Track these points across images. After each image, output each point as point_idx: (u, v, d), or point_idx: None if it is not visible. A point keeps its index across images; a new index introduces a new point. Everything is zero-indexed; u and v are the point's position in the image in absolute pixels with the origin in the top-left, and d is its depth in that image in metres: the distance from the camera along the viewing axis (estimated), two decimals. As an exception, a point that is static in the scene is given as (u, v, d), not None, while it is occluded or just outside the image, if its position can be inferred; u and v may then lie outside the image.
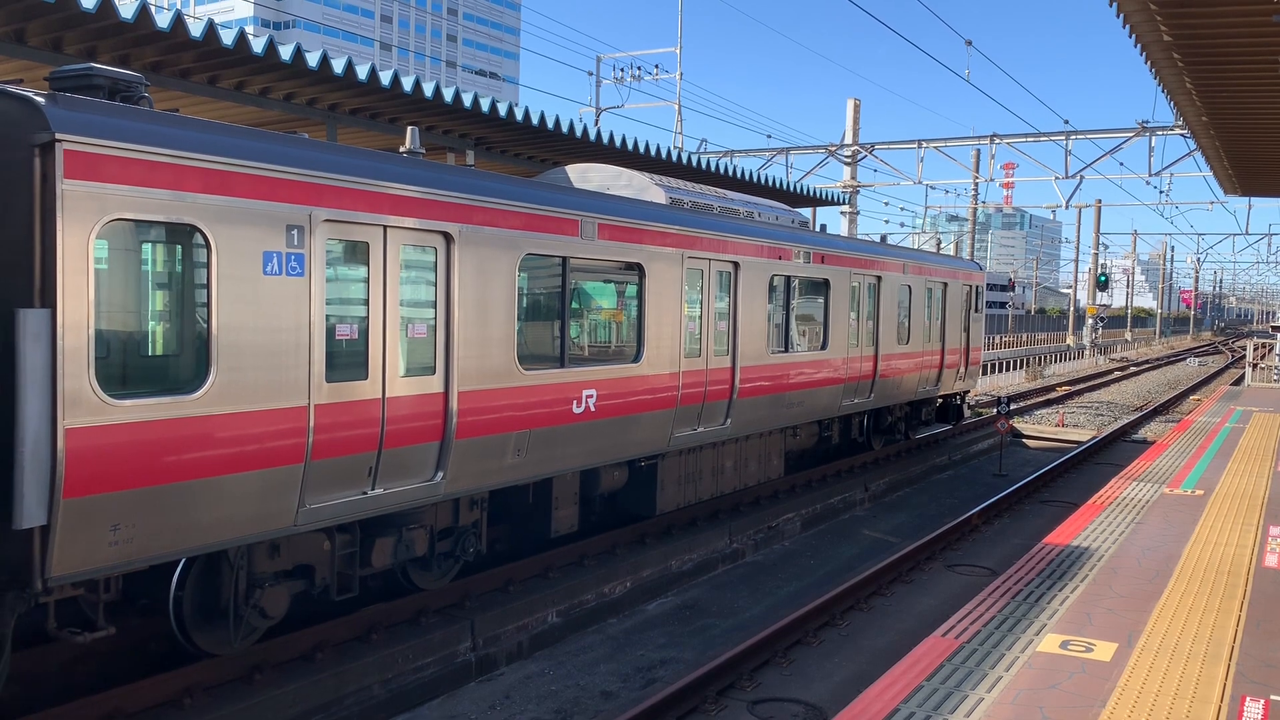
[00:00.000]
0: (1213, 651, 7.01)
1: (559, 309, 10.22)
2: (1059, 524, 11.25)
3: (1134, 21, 11.46)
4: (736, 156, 36.14)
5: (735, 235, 12.99)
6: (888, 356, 17.46)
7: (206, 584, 7.70)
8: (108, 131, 6.22)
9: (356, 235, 7.84)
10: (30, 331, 5.86)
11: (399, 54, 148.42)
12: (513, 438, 9.53)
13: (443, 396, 8.70)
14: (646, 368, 11.37)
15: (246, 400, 7.04)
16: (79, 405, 6.11)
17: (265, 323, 7.14)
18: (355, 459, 7.91)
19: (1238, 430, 19.19)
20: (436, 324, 8.63)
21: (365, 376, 7.97)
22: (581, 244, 10.29)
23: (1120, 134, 31.18)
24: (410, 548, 9.05)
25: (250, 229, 7.01)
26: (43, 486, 6.01)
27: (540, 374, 9.83)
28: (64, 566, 6.16)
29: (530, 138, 15.65)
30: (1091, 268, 61.40)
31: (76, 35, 10.11)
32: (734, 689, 8.90)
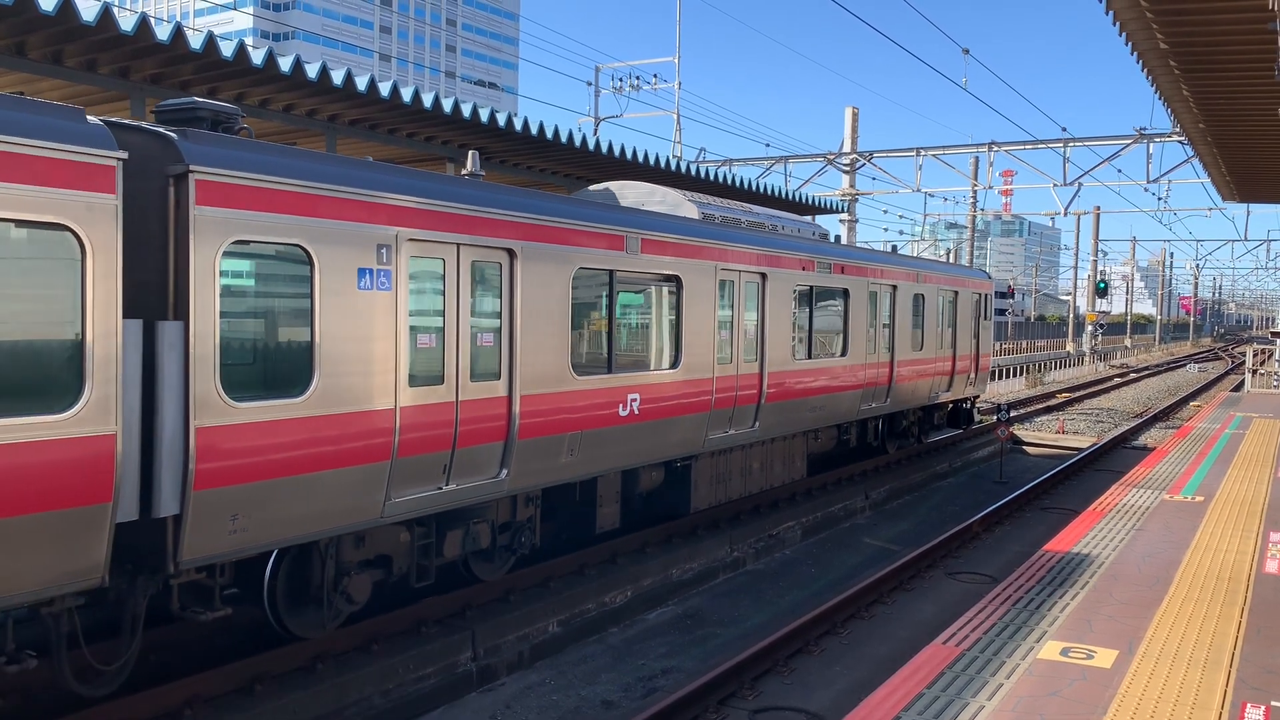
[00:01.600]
0: (1213, 658, 7.00)
1: (606, 318, 10.96)
2: (1059, 531, 11.25)
3: (1130, 29, 11.50)
4: (735, 165, 36.20)
5: (763, 248, 13.75)
6: (902, 363, 18.05)
7: (297, 572, 8.36)
8: (231, 163, 7.02)
9: (434, 253, 8.66)
10: (167, 341, 6.69)
11: (398, 65, 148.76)
12: (566, 439, 10.27)
13: (506, 400, 9.47)
14: (684, 373, 12.09)
15: (344, 403, 7.82)
16: (207, 407, 6.88)
17: (359, 332, 7.94)
18: (433, 457, 8.70)
19: (1237, 436, 19.19)
20: (501, 333, 9.42)
21: (442, 381, 8.77)
22: (626, 258, 11.07)
23: (1118, 141, 31.24)
24: (476, 540, 9.76)
25: (347, 248, 7.81)
26: (176, 480, 6.78)
27: (590, 379, 10.56)
28: (192, 552, 6.93)
29: (529, 147, 15.69)
30: (1091, 274, 61.46)
31: (77, 48, 10.15)
32: (735, 698, 8.89)
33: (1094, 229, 62.24)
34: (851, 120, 36.10)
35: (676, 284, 11.97)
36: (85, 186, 6.12)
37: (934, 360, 19.54)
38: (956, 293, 20.66)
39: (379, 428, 8.09)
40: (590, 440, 10.59)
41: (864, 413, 17.07)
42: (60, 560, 6.12)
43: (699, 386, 12.32)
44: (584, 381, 10.43)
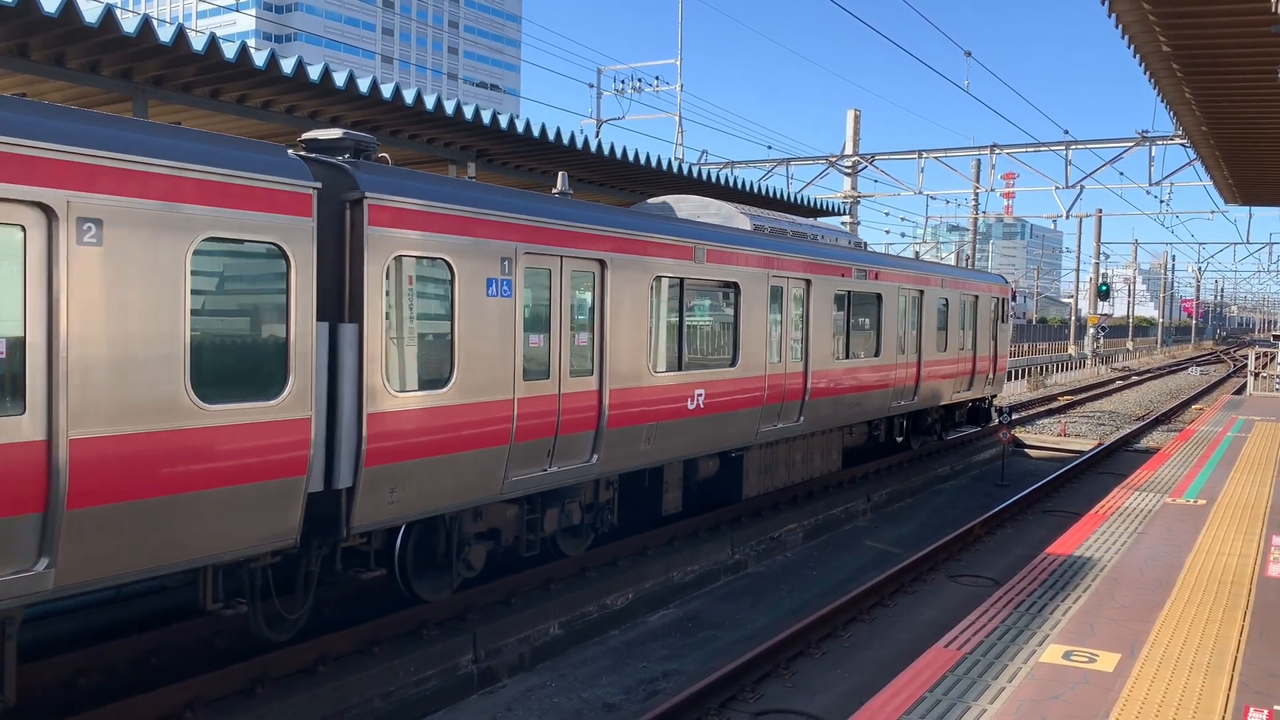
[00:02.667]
0: (1216, 662, 6.99)
1: (678, 320, 12.14)
2: (1061, 534, 11.23)
3: (1133, 32, 11.49)
4: (737, 167, 36.18)
5: (807, 256, 14.93)
6: (928, 363, 19.18)
7: (423, 542, 9.49)
8: (394, 189, 8.28)
9: (543, 264, 9.92)
10: (346, 340, 7.91)
11: (400, 67, 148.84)
12: (645, 429, 11.48)
13: (598, 394, 10.71)
14: (741, 371, 13.26)
15: (476, 394, 9.07)
16: (376, 396, 8.08)
17: (487, 333, 9.18)
18: (540, 442, 9.95)
19: (1240, 439, 19.16)
20: (593, 334, 10.67)
21: (548, 376, 10.02)
22: (695, 266, 12.29)
23: (1120, 144, 31.22)
24: (569, 517, 10.95)
25: (479, 261, 9.07)
26: (352, 458, 7.96)
27: (665, 376, 11.80)
28: (361, 520, 8.14)
29: (532, 150, 15.69)
30: (1093, 277, 61.41)
31: (80, 49, 10.15)
32: (736, 701, 8.88)
33: (1096, 231, 62.21)
34: (853, 122, 36.08)
35: (735, 290, 13.19)
36: (291, 211, 7.33)
37: (956, 361, 20.65)
38: (976, 297, 21.79)
39: (501, 416, 9.38)
40: (664, 431, 11.81)
41: (893, 410, 18.16)
42: (267, 523, 7.31)
43: (754, 383, 13.54)
44: (660, 378, 11.68)
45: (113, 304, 6.29)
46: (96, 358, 6.20)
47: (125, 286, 6.35)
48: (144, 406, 6.43)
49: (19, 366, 5.93)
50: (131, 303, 6.39)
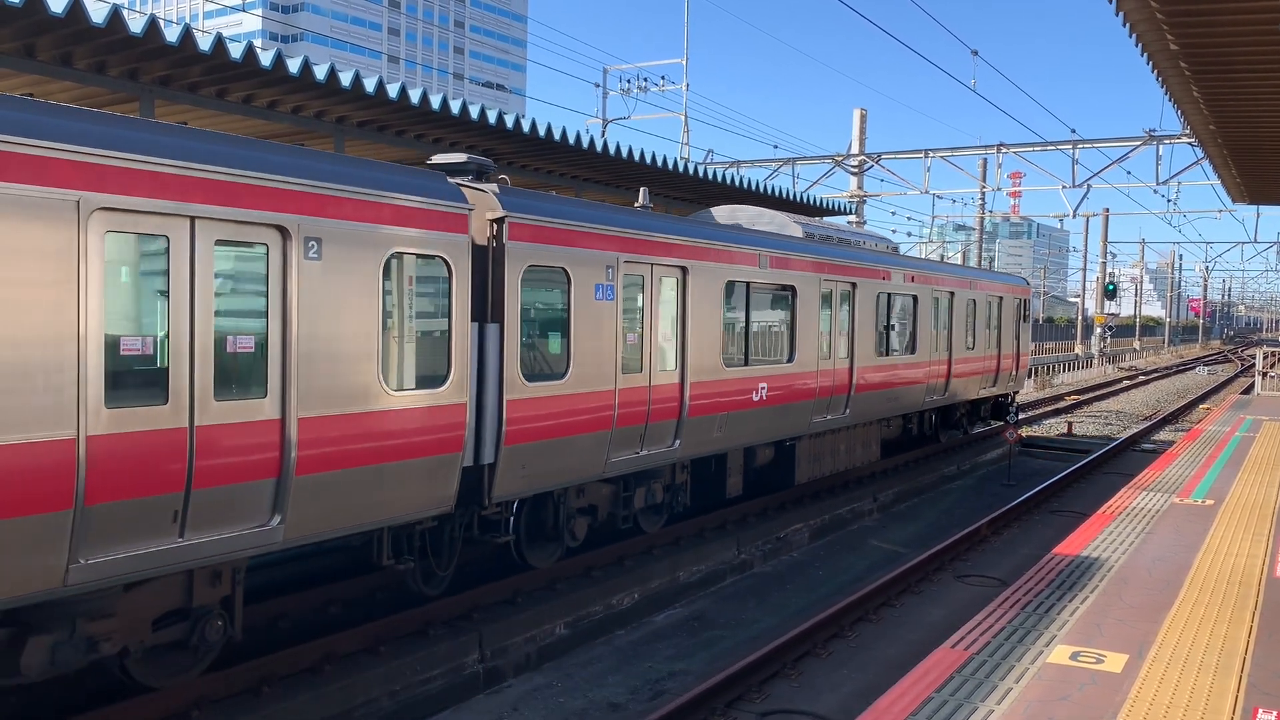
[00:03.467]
0: (1224, 663, 6.96)
1: (745, 320, 13.38)
2: (1068, 534, 11.20)
3: (1140, 31, 11.44)
4: (743, 167, 36.16)
5: (853, 261, 16.14)
6: (958, 360, 20.36)
7: (533, 516, 10.84)
8: (527, 209, 9.68)
9: (638, 271, 11.27)
10: (491, 338, 9.36)
11: (406, 66, 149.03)
12: (718, 418, 12.72)
13: (679, 386, 11.98)
14: (797, 367, 14.51)
15: (586, 385, 10.43)
16: (513, 386, 9.52)
17: (595, 332, 10.55)
18: (634, 429, 11.28)
19: (1248, 439, 19.09)
20: (677, 332, 11.93)
21: (641, 370, 11.36)
22: (759, 272, 13.55)
23: (1127, 143, 31.13)
24: (653, 496, 12.30)
25: (590, 269, 10.42)
26: (494, 437, 9.40)
27: (734, 370, 12.99)
28: (499, 492, 9.57)
29: (537, 149, 15.69)
30: (1099, 276, 61.27)
31: (86, 50, 10.16)
32: (742, 701, 8.87)
33: (1103, 231, 62.05)
34: (859, 122, 36.04)
35: (793, 293, 14.45)
36: (452, 229, 8.70)
37: (983, 359, 21.89)
38: (1001, 298, 23.00)
39: (605, 404, 10.72)
40: (733, 420, 13.03)
41: (926, 404, 19.41)
42: (434, 491, 8.67)
43: (808, 378, 14.83)
44: (730, 372, 12.90)
45: (328, 308, 7.65)
46: (317, 352, 7.57)
47: (336, 294, 7.74)
48: (349, 392, 7.84)
49: (262, 358, 7.30)
50: (340, 307, 7.75)
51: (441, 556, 9.69)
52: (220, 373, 6.96)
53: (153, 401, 6.59)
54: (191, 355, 6.79)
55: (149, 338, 6.66)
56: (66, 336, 6.11)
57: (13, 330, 5.86)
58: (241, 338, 7.15)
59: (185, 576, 7.36)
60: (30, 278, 5.96)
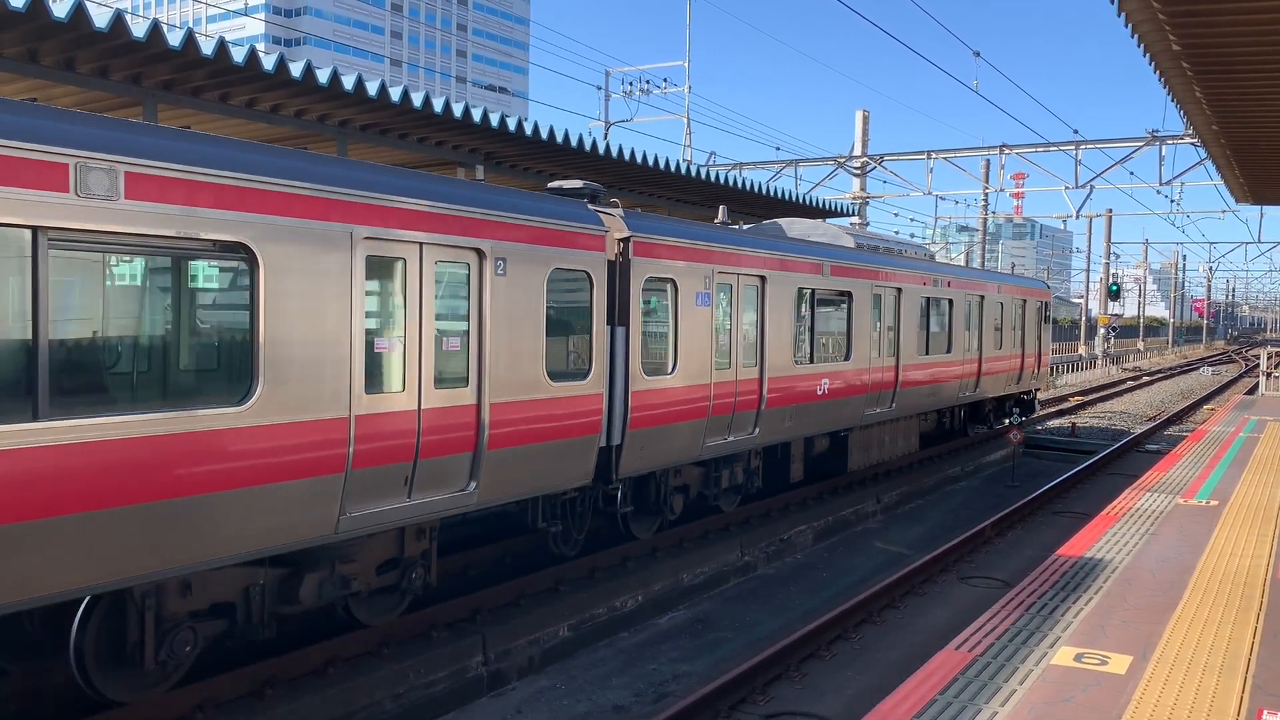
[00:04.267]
0: (1229, 664, 6.94)
1: (810, 323, 14.89)
2: (1072, 535, 11.18)
3: (1142, 31, 11.43)
4: (746, 169, 36.16)
5: (898, 268, 17.64)
6: (988, 359, 21.85)
7: (636, 494, 12.38)
8: (646, 229, 11.44)
9: (727, 281, 12.96)
10: (619, 339, 11.01)
11: (409, 70, 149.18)
12: (789, 409, 14.28)
13: (759, 381, 13.54)
14: (853, 364, 16.01)
15: (688, 380, 12.09)
16: (636, 379, 11.22)
17: (695, 333, 12.20)
18: (723, 418, 12.85)
19: (1252, 440, 19.06)
20: (757, 333, 13.57)
21: (729, 367, 12.92)
22: (823, 279, 15.17)
23: (1130, 143, 31.11)
24: (735, 478, 13.90)
25: (692, 279, 12.13)
26: (621, 422, 11.05)
27: (803, 367, 14.54)
28: (624, 470, 11.29)
29: (540, 152, 15.71)
30: (1103, 277, 61.20)
31: (90, 54, 10.19)
32: (746, 703, 8.86)
33: (1106, 231, 61.98)
34: (862, 123, 36.02)
35: (849, 298, 15.89)
36: (594, 248, 10.46)
37: (1009, 358, 23.40)
38: (1025, 301, 24.45)
39: (703, 396, 12.33)
40: (800, 411, 14.57)
41: (960, 400, 20.96)
42: (579, 467, 10.46)
43: (862, 375, 16.29)
44: (800, 369, 14.46)
45: (509, 314, 9.37)
46: (501, 350, 9.28)
47: (516, 303, 9.44)
48: (524, 383, 9.55)
49: (465, 354, 9.02)
50: (518, 313, 9.46)
51: (576, 523, 11.46)
52: (439, 366, 8.73)
53: (395, 389, 8.30)
54: (420, 352, 8.53)
55: (393, 338, 8.35)
56: (344, 338, 7.75)
57: (316, 332, 7.54)
58: (452, 338, 8.92)
59: (399, 532, 8.98)
60: (326, 292, 7.59)
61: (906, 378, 17.85)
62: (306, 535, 7.63)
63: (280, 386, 7.28)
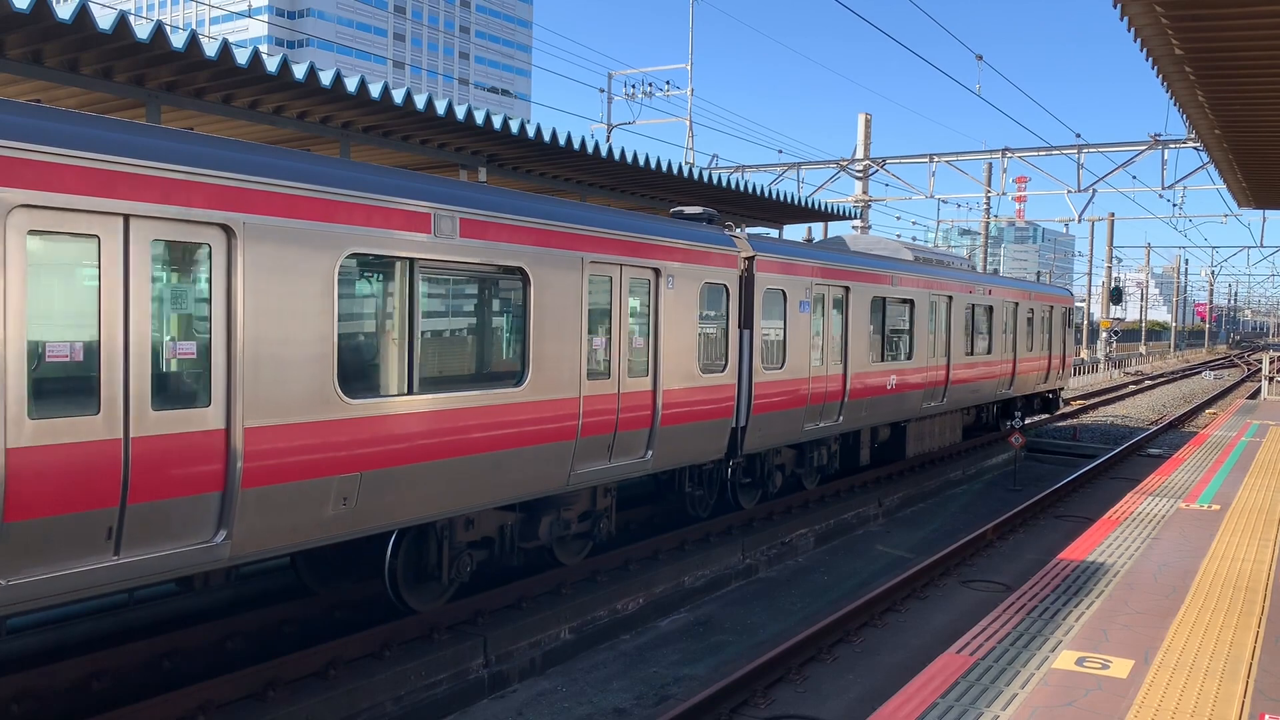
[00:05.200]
0: (1230, 668, 6.94)
1: (882, 327, 17.12)
2: (1074, 539, 11.17)
3: (1145, 35, 11.43)
4: (748, 172, 36.17)
5: (948, 278, 19.82)
6: (1021, 360, 24.11)
7: (746, 471, 14.72)
8: (765, 250, 13.74)
9: (819, 290, 15.17)
10: (745, 340, 13.31)
11: (412, 71, 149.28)
12: (865, 402, 16.52)
13: (843, 377, 15.85)
14: (913, 363, 18.24)
15: (794, 374, 14.45)
16: (758, 373, 13.45)
17: (799, 335, 14.56)
18: (817, 406, 15.19)
19: (1254, 444, 19.04)
20: (843, 336, 15.84)
21: (822, 363, 15.26)
22: (892, 289, 17.42)
23: (1133, 147, 31.11)
24: (820, 460, 16.39)
25: (797, 290, 14.50)
26: (746, 408, 13.29)
27: (876, 365, 16.79)
28: (746, 448, 13.46)
29: (542, 154, 15.71)
30: (1105, 281, 61.16)
31: (93, 56, 10.19)
32: (748, 706, 8.85)
33: (1108, 235, 61.96)
34: (864, 126, 36.03)
35: (911, 305, 18.14)
36: (730, 266, 12.91)
37: (1039, 359, 25.56)
38: (1052, 307, 26.63)
39: (804, 388, 14.77)
40: (874, 404, 16.77)
41: (997, 396, 23.08)
42: (718, 443, 12.85)
43: (920, 373, 18.45)
44: (874, 366, 16.64)
45: (675, 320, 11.82)
46: (670, 349, 11.75)
47: (680, 310, 11.96)
48: (685, 373, 12.03)
49: (647, 351, 11.29)
50: (681, 319, 11.95)
51: (710, 490, 14.16)
52: (630, 359, 11.07)
53: (604, 377, 10.74)
54: (619, 348, 10.93)
55: (605, 337, 10.86)
56: (577, 335, 10.32)
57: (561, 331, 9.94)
58: (638, 338, 11.32)
59: (593, 490, 11.24)
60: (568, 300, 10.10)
61: (955, 376, 20.09)
62: (551, 486, 10.08)
63: (540, 374, 9.65)
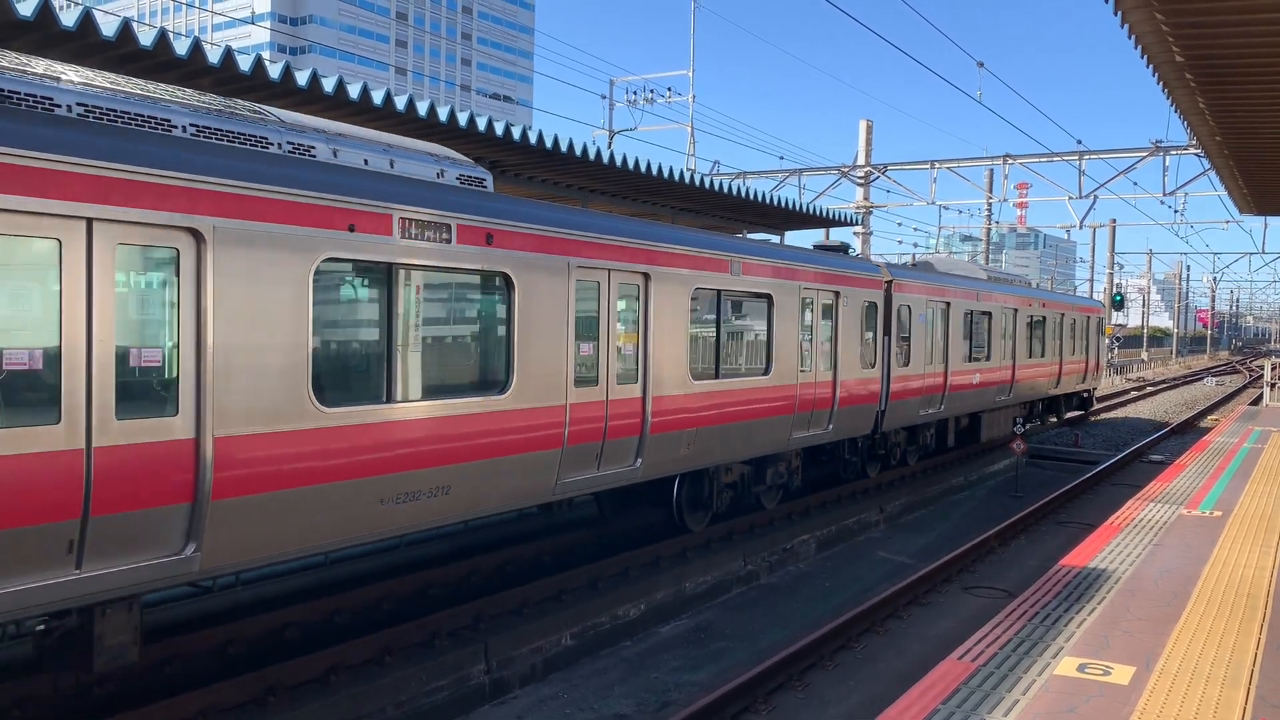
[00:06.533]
0: (1232, 674, 6.93)
1: (970, 333, 21.13)
2: (1076, 545, 11.16)
3: (1146, 42, 11.45)
4: (749, 178, 36.21)
5: (1013, 294, 23.98)
6: (1065, 363, 28.22)
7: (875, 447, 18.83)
8: (900, 275, 18.10)
9: (932, 305, 19.19)
10: (886, 343, 17.30)
11: (414, 78, 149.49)
12: (959, 394, 20.59)
13: (944, 374, 19.80)
14: (991, 364, 22.29)
15: (916, 370, 18.26)
16: (894, 369, 17.52)
17: (919, 340, 18.55)
18: (929, 397, 19.15)
19: (1256, 450, 19.03)
20: (945, 341, 19.76)
21: (933, 363, 19.20)
22: (977, 303, 21.44)
23: (1134, 153, 31.14)
24: (925, 441, 20.43)
25: (919, 305, 18.48)
26: (886, 395, 17.31)
27: (966, 365, 20.89)
28: (885, 427, 17.46)
29: (543, 161, 15.74)
30: (1106, 287, 61.14)
31: (97, 63, 10.23)
32: (749, 713, 8.85)
33: (1110, 241, 61.96)
34: (866, 133, 36.08)
35: (989, 316, 22.19)
36: (877, 288, 16.82)
37: (1078, 361, 29.70)
38: (1088, 317, 30.80)
39: (920, 383, 18.66)
40: (965, 396, 21.03)
41: (1046, 393, 27.05)
42: (868, 421, 16.73)
43: (994, 373, 22.53)
44: (965, 365, 20.82)
45: (851, 327, 15.63)
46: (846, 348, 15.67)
47: (853, 321, 15.76)
48: (856, 367, 15.72)
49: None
50: (855, 327, 15.84)
51: (861, 456, 18.14)
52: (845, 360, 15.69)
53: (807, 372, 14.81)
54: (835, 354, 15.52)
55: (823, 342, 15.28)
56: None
57: None
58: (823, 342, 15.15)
59: (788, 454, 15.32)
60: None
61: (1019, 375, 24.09)
62: (778, 448, 14.16)
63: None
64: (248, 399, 7.05)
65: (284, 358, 7.31)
